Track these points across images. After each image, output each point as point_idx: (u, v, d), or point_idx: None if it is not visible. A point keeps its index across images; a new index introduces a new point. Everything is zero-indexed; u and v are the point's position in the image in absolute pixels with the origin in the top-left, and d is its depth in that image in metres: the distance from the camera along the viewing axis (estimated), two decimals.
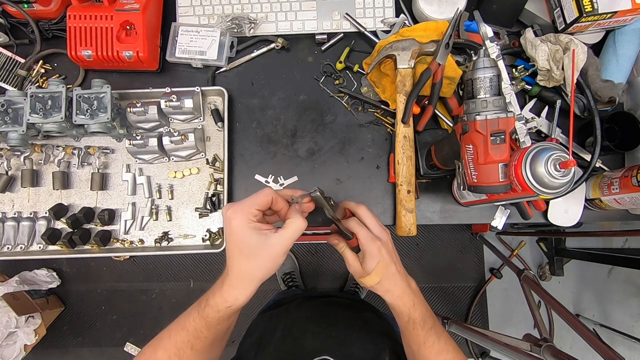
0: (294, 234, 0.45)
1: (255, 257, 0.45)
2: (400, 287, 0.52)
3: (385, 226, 0.54)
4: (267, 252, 0.45)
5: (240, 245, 0.45)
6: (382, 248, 0.50)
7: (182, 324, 0.48)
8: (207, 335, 0.47)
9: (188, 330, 0.47)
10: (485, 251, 1.80)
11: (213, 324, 0.47)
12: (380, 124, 0.79)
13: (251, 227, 0.45)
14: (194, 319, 0.48)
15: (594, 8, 0.67)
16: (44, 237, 0.72)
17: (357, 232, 0.51)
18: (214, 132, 0.79)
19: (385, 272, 0.51)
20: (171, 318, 0.50)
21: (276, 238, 0.45)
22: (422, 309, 0.53)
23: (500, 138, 0.52)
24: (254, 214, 0.45)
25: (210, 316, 0.46)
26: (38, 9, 0.77)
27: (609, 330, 1.64)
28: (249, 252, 0.45)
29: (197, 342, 0.47)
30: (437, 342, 0.52)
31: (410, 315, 0.52)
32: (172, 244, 0.77)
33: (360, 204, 0.54)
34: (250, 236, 0.44)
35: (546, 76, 0.73)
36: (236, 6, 0.80)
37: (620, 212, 0.75)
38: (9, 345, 1.55)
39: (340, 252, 0.55)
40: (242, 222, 0.45)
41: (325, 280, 1.79)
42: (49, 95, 0.70)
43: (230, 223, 0.45)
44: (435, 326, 0.53)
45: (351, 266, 0.53)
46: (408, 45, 0.69)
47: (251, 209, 0.45)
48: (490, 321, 1.78)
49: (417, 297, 0.53)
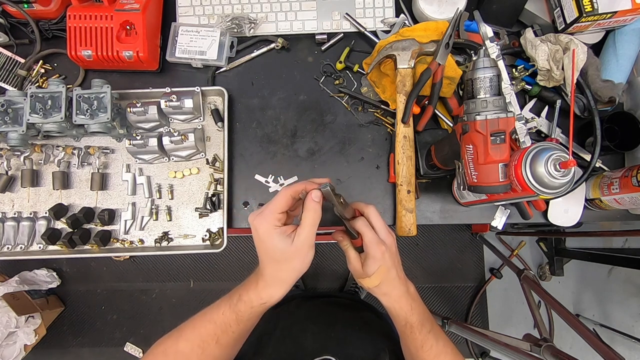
0: (311, 229, 0.46)
1: (285, 261, 0.46)
2: (398, 291, 0.52)
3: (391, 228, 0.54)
4: (294, 255, 0.46)
5: (270, 252, 0.47)
6: (385, 252, 0.50)
7: (209, 317, 0.49)
8: (235, 329, 0.48)
9: (216, 323, 0.48)
10: (485, 251, 1.80)
11: (244, 319, 0.48)
12: (380, 124, 0.79)
13: (277, 233, 0.46)
14: (224, 312, 0.48)
15: (594, 8, 0.67)
16: (44, 237, 0.72)
17: (363, 233, 0.51)
18: (214, 132, 0.79)
19: (386, 276, 0.51)
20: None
21: (298, 238, 0.46)
22: (420, 312, 0.53)
23: (500, 138, 0.52)
24: (278, 219, 0.46)
25: (242, 311, 0.48)
26: (38, 9, 0.77)
27: (609, 330, 1.64)
28: (279, 257, 0.46)
29: (223, 336, 0.48)
30: (435, 345, 0.52)
31: (408, 319, 0.52)
32: (172, 244, 0.77)
33: (369, 204, 0.54)
34: (277, 242, 0.46)
35: (546, 76, 0.73)
36: (236, 6, 0.80)
37: (620, 212, 0.75)
38: (9, 345, 1.55)
39: (343, 250, 0.55)
40: (268, 229, 0.46)
41: (326, 280, 1.79)
42: (49, 95, 0.70)
43: (257, 231, 0.47)
44: (433, 329, 0.53)
45: (352, 265, 0.53)
46: (408, 45, 0.69)
47: (274, 215, 0.46)
48: (490, 321, 1.78)
49: (415, 301, 0.53)
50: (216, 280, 1.80)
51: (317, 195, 0.47)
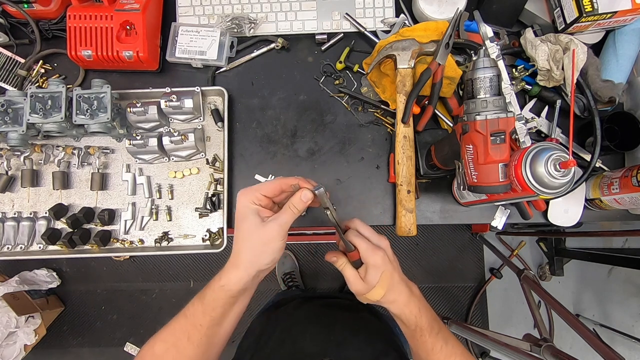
0: (286, 219, 0.46)
1: (249, 239, 0.46)
2: (405, 296, 0.50)
3: (382, 234, 0.53)
4: (260, 236, 0.45)
5: (240, 227, 0.47)
6: (385, 257, 0.49)
7: (183, 312, 0.49)
8: (202, 322, 0.47)
9: (187, 316, 0.48)
10: (485, 251, 1.80)
11: (208, 307, 0.47)
12: (380, 124, 0.79)
13: (251, 209, 0.46)
14: (193, 304, 0.49)
15: (594, 8, 0.67)
16: (44, 237, 0.72)
17: (357, 244, 0.50)
18: (214, 132, 0.79)
19: (390, 282, 0.49)
20: (171, 318, 0.50)
21: (270, 222, 0.46)
22: (428, 314, 0.52)
23: (500, 138, 0.52)
24: (258, 198, 0.47)
25: (207, 297, 0.47)
26: (38, 9, 0.77)
27: (609, 330, 1.64)
28: (246, 234, 0.46)
29: (194, 332, 0.47)
30: (444, 346, 0.51)
31: (418, 323, 0.51)
32: (172, 244, 0.77)
33: (353, 219, 0.54)
34: (247, 216, 0.46)
35: (546, 76, 0.73)
36: (236, 6, 0.80)
37: (620, 212, 0.75)
38: (9, 345, 1.55)
39: (340, 270, 0.53)
40: (245, 203, 0.46)
41: (325, 280, 1.79)
42: (49, 95, 0.70)
43: (237, 204, 0.47)
44: (442, 330, 0.52)
45: (352, 284, 0.51)
46: (408, 45, 0.69)
47: (256, 193, 0.47)
48: (490, 321, 1.78)
49: (422, 302, 0.52)
50: None
51: (306, 196, 0.46)
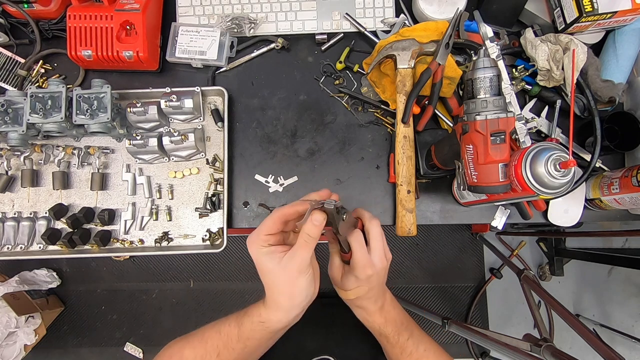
0: (302, 253, 0.43)
1: (277, 285, 0.45)
2: (373, 307, 0.51)
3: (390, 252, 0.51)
4: (282, 277, 0.44)
5: (262, 273, 0.45)
6: (372, 277, 0.48)
7: (217, 327, 0.49)
8: (235, 346, 0.47)
9: (221, 334, 0.48)
10: (485, 251, 1.80)
11: (244, 335, 0.46)
12: (380, 124, 0.79)
13: (264, 253, 0.45)
14: (229, 324, 0.48)
15: (594, 8, 0.67)
16: (44, 237, 0.72)
17: (354, 251, 0.49)
18: (214, 132, 0.79)
19: (364, 295, 0.50)
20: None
21: (286, 260, 0.44)
22: (396, 323, 0.52)
23: (500, 138, 0.52)
24: (265, 240, 0.45)
25: (245, 325, 0.46)
26: (38, 9, 0.76)
27: (609, 330, 1.64)
28: (270, 279, 0.45)
29: (224, 351, 0.47)
30: (414, 351, 0.52)
31: (382, 331, 0.52)
32: (172, 244, 0.77)
33: (374, 218, 0.51)
34: (264, 262, 0.44)
35: (546, 76, 0.73)
36: (236, 6, 0.80)
37: (620, 212, 0.75)
38: (9, 345, 1.54)
39: (330, 252, 0.54)
40: (256, 250, 0.45)
41: (325, 280, 1.78)
42: (49, 95, 0.70)
43: (250, 254, 0.46)
44: (412, 336, 0.53)
45: (331, 272, 0.52)
46: (408, 45, 0.69)
47: (260, 236, 0.45)
48: (490, 321, 1.78)
49: (390, 313, 0.52)
50: (216, 281, 1.79)
51: (317, 219, 0.43)
